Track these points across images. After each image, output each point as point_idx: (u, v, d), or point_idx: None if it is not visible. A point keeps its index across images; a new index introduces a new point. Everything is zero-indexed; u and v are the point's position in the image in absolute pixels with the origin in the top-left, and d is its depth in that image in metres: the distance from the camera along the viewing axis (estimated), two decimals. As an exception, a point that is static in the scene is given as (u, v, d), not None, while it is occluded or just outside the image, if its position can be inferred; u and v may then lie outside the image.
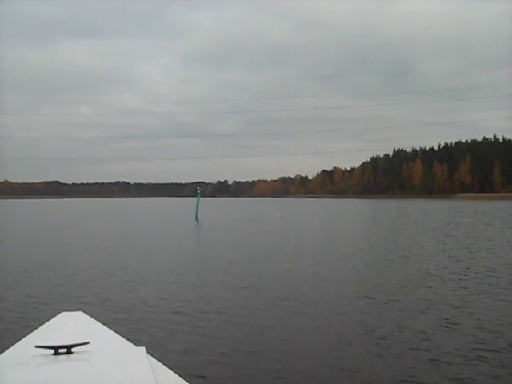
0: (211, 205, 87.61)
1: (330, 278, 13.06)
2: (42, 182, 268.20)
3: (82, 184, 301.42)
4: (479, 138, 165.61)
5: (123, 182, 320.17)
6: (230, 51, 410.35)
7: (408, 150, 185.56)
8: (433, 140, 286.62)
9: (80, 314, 3.78)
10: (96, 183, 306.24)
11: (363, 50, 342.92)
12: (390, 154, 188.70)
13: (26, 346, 2.86)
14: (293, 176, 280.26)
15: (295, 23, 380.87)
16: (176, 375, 2.75)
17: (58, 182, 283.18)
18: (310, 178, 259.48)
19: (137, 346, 3.04)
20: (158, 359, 2.95)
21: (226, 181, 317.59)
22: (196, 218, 43.47)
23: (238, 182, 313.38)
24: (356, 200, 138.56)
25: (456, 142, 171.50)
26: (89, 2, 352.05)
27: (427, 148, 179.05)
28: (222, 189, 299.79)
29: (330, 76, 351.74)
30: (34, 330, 3.29)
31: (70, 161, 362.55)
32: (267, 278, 13.38)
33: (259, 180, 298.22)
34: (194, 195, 51.52)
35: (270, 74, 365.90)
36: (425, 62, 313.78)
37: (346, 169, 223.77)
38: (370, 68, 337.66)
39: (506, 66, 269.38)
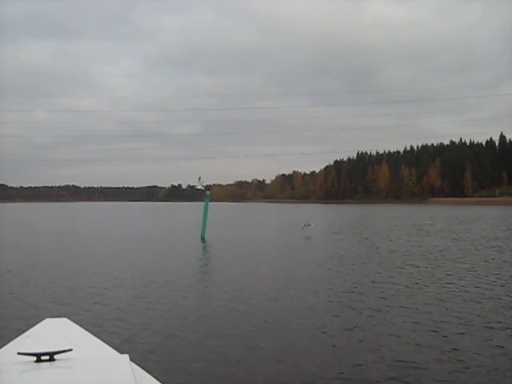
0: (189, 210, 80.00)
1: None
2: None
3: (29, 187, 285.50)
4: (445, 142, 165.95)
5: (73, 185, 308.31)
6: (194, 55, 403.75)
7: (372, 154, 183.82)
8: (393, 143, 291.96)
9: (64, 320, 3.70)
10: (45, 187, 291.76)
11: (327, 57, 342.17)
12: (354, 158, 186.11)
13: (8, 353, 2.80)
14: (249, 180, 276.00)
15: (260, 29, 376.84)
16: (160, 383, 2.71)
17: (3, 185, 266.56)
18: (267, 182, 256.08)
19: (120, 353, 3.02)
20: (141, 367, 2.89)
21: (179, 185, 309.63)
22: (202, 237, 27.91)
23: (192, 187, 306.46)
24: (328, 205, 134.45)
25: (422, 146, 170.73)
26: (51, 1, 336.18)
27: (392, 151, 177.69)
28: (175, 193, 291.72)
29: (292, 81, 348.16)
30: (17, 336, 3.22)
31: (19, 162, 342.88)
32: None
33: (214, 184, 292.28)
34: (146, 199, 41.42)
35: (232, 79, 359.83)
36: (387, 69, 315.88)
37: (305, 173, 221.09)
38: (333, 74, 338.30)
39: (463, 73, 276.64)
